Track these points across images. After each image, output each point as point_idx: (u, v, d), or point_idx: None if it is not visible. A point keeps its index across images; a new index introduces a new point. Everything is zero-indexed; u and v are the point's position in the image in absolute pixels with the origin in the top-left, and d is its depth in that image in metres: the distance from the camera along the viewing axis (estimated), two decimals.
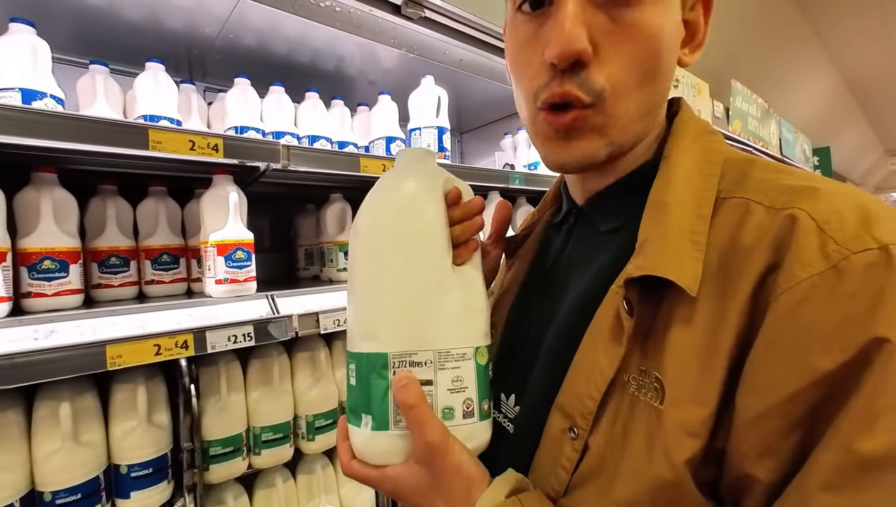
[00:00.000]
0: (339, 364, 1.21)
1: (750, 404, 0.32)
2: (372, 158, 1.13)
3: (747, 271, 0.34)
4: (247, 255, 1.03)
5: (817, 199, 0.33)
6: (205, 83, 1.57)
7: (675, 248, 0.37)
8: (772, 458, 0.31)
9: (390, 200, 0.44)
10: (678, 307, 0.36)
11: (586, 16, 0.37)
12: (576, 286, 0.46)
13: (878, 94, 7.49)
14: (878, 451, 0.27)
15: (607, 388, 0.38)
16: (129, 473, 0.87)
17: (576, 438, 0.39)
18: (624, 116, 0.40)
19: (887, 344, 0.28)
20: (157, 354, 0.79)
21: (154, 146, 0.81)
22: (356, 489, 1.21)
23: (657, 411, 0.35)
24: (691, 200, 0.39)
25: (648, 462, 0.34)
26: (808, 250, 0.31)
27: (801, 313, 0.31)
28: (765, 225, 0.34)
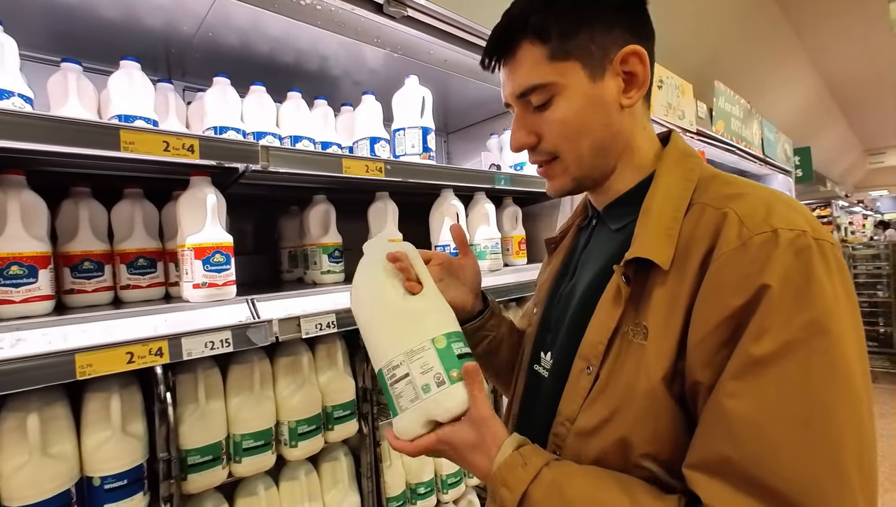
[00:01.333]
0: (323, 369, 1.19)
1: (694, 334, 0.48)
2: (354, 158, 1.12)
3: (697, 251, 0.51)
4: (226, 258, 1.00)
5: (742, 201, 0.51)
6: (184, 82, 1.53)
7: (655, 239, 0.54)
8: (709, 368, 0.47)
9: (357, 278, 0.70)
10: (658, 279, 0.53)
11: (526, 122, 0.63)
12: (591, 271, 0.65)
13: (857, 95, 7.66)
14: (764, 352, 0.44)
15: (611, 336, 0.55)
16: (102, 485, 0.84)
17: (590, 373, 0.56)
18: (576, 160, 0.62)
19: (770, 288, 0.44)
20: (129, 362, 0.76)
21: (126, 147, 0.79)
22: (341, 494, 1.19)
23: (643, 347, 0.52)
24: (671, 207, 0.56)
25: (636, 379, 0.52)
26: (730, 235, 0.48)
27: (722, 273, 0.48)
28: (710, 220, 0.52)
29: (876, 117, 9.08)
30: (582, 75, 0.58)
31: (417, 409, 0.58)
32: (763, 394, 0.43)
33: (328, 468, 1.19)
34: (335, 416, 1.17)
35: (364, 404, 1.23)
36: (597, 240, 0.69)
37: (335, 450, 1.22)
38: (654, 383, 0.50)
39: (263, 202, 1.66)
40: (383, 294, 0.64)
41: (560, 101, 0.59)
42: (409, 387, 0.58)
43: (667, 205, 0.56)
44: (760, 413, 0.43)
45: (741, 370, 0.44)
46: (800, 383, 0.42)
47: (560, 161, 0.62)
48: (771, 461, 0.42)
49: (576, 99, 0.59)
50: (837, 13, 4.76)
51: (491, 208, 1.62)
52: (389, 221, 1.40)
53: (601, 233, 0.68)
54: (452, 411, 0.57)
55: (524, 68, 0.60)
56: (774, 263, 0.45)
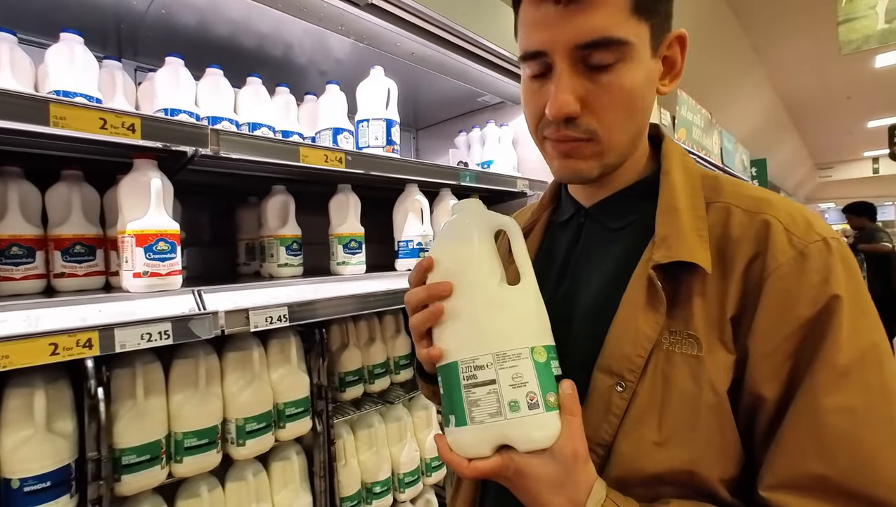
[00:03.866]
0: (275, 365, 1.15)
1: (760, 346, 0.46)
2: (313, 147, 1.08)
3: (739, 256, 0.48)
4: (170, 246, 0.95)
5: (775, 207, 0.50)
6: (136, 62, 1.45)
7: (690, 241, 0.50)
8: (775, 381, 0.45)
9: (452, 240, 0.55)
10: (696, 283, 0.49)
11: (574, 83, 0.49)
12: (596, 272, 0.58)
13: (808, 112, 8.11)
14: (847, 362, 0.43)
15: (652, 347, 0.49)
16: (21, 488, 0.77)
17: (623, 390, 0.49)
18: (615, 144, 0.53)
19: (839, 298, 0.44)
20: (53, 354, 0.70)
21: (56, 122, 0.73)
22: (292, 494, 1.15)
23: (698, 359, 0.47)
24: (692, 206, 0.52)
25: (698, 394, 0.47)
26: (781, 243, 0.47)
27: (786, 283, 0.46)
28: (745, 223, 0.49)
29: (826, 133, 9.65)
30: (648, 45, 0.50)
31: (494, 427, 0.47)
32: (852, 404, 0.42)
33: (279, 467, 1.15)
34: (287, 414, 1.13)
35: (318, 402, 1.19)
36: (592, 240, 0.61)
37: (286, 449, 1.18)
38: (721, 396, 0.46)
39: (220, 192, 1.59)
40: (480, 274, 0.52)
41: (625, 68, 0.49)
42: (492, 397, 0.47)
43: (688, 202, 0.52)
44: (852, 424, 0.42)
45: (830, 383, 0.43)
46: (880, 385, 0.43)
47: (596, 143, 0.52)
48: (868, 470, 0.41)
49: (640, 70, 0.50)
50: (793, 34, 5.03)
51: None
52: (351, 213, 1.37)
53: (596, 232, 0.61)
54: (538, 443, 0.46)
55: (603, 12, 0.47)
56: (836, 272, 0.45)
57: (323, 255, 1.51)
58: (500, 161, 1.84)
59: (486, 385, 0.48)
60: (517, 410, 0.46)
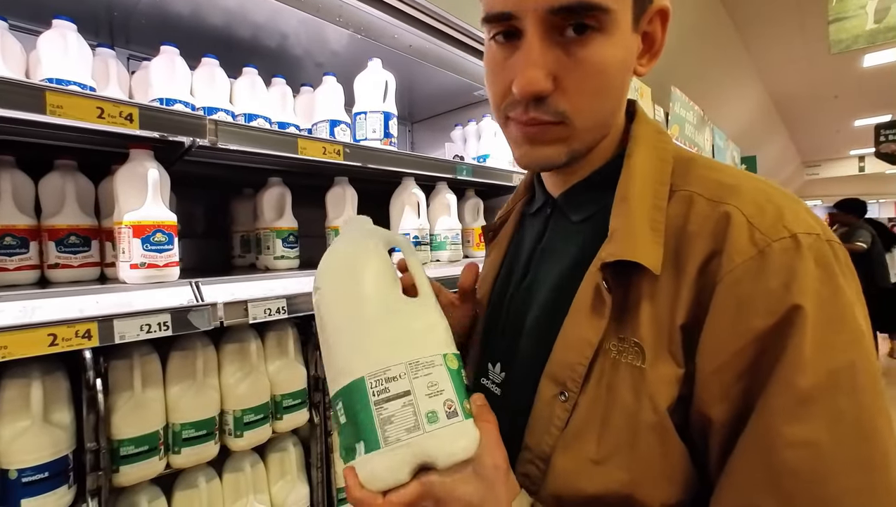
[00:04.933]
0: (272, 357, 1.15)
1: (707, 362, 0.40)
2: (311, 139, 1.08)
3: (693, 254, 0.42)
4: (168, 238, 0.95)
5: (742, 196, 0.42)
6: (129, 51, 1.43)
7: (640, 236, 0.44)
8: (724, 402, 0.39)
9: (333, 261, 0.54)
10: (645, 285, 0.44)
11: (546, 57, 0.43)
12: (554, 270, 0.53)
13: (797, 110, 8.22)
14: (809, 385, 0.36)
15: (593, 354, 0.45)
16: (19, 478, 0.77)
17: (566, 400, 0.46)
18: (585, 129, 0.47)
19: (802, 310, 0.37)
20: (52, 344, 0.70)
21: (53, 111, 0.72)
22: (288, 486, 1.15)
23: (640, 370, 0.42)
24: (650, 194, 0.46)
25: (638, 409, 0.42)
26: (741, 240, 0.40)
27: (740, 289, 0.39)
28: (705, 215, 0.43)
29: (813, 131, 9.78)
30: (629, 15, 0.44)
31: (413, 444, 0.41)
32: (815, 438, 0.35)
33: (276, 458, 1.16)
34: (284, 405, 1.13)
35: (315, 393, 1.20)
36: (555, 233, 0.57)
37: (284, 440, 1.19)
38: (661, 415, 0.41)
39: (215, 183, 1.58)
40: (379, 286, 0.49)
41: (604, 40, 0.42)
42: (408, 410, 0.42)
43: (646, 191, 0.46)
44: (814, 462, 0.35)
45: (788, 410, 0.36)
46: (854, 417, 0.35)
47: (564, 126, 0.46)
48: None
49: (620, 44, 0.44)
50: (783, 32, 5.08)
51: (452, 199, 1.61)
52: (348, 206, 1.37)
53: (560, 224, 0.56)
54: (461, 453, 0.42)
55: None
56: (802, 277, 0.37)
57: (318, 248, 1.51)
58: (496, 155, 1.84)
59: (401, 398, 0.42)
60: (436, 421, 0.42)
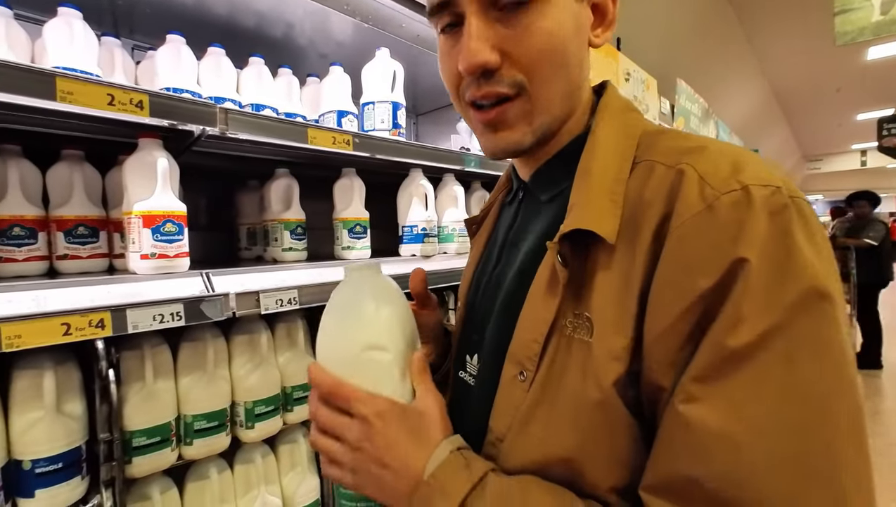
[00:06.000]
0: (282, 348, 1.14)
1: (652, 327, 0.38)
2: (321, 129, 1.06)
3: (648, 220, 0.40)
4: (178, 228, 0.94)
5: (702, 156, 0.40)
6: (133, 41, 1.41)
7: (597, 206, 0.43)
8: (672, 369, 0.37)
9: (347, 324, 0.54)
10: (601, 256, 0.42)
11: (488, 32, 0.43)
12: (521, 252, 0.53)
13: (799, 104, 8.19)
14: (741, 345, 0.33)
15: (548, 331, 0.44)
16: (33, 469, 0.77)
17: (524, 380, 0.45)
18: (545, 100, 0.46)
19: (746, 263, 0.34)
20: (65, 334, 0.69)
21: (63, 98, 0.71)
22: (299, 477, 1.15)
23: (588, 345, 0.41)
24: (613, 168, 0.45)
25: (583, 388, 0.40)
26: (691, 196, 0.38)
27: (685, 246, 0.37)
28: (661, 179, 0.41)
29: (815, 125, 9.76)
30: None
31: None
32: (740, 397, 0.33)
33: (286, 450, 1.15)
34: (295, 397, 1.13)
35: None
36: (525, 215, 0.56)
37: (294, 432, 1.18)
38: (606, 391, 0.39)
39: (220, 175, 1.57)
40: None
41: (543, 7, 0.43)
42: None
43: (608, 164, 0.45)
44: (737, 423, 0.33)
45: (710, 369, 0.34)
46: (785, 379, 0.33)
47: (524, 99, 0.45)
48: (750, 482, 0.32)
49: (564, 11, 0.44)
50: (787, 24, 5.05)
51: (460, 191, 1.60)
52: (356, 198, 1.36)
53: (529, 207, 0.56)
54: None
55: None
56: (750, 229, 0.35)
57: (324, 241, 1.50)
58: None
59: None
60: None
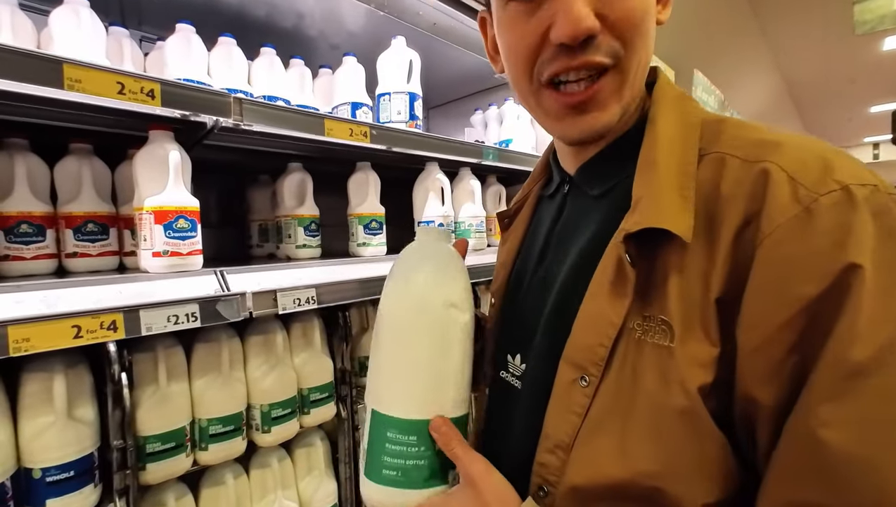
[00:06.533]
0: (298, 349, 1.10)
1: (750, 337, 0.36)
2: (338, 120, 1.02)
3: (728, 219, 0.38)
4: (191, 224, 0.90)
5: (784, 152, 0.38)
6: (141, 32, 1.37)
7: (668, 202, 0.40)
8: (773, 383, 0.35)
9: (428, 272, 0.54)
10: (673, 256, 0.40)
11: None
12: (572, 250, 0.50)
13: (812, 95, 8.05)
14: (866, 358, 0.31)
15: (616, 335, 0.42)
16: (43, 477, 0.73)
17: (587, 385, 0.43)
18: (634, 73, 0.44)
19: (860, 269, 0.32)
20: (76, 337, 0.65)
21: (71, 86, 0.67)
22: (316, 482, 1.11)
23: (668, 350, 0.39)
24: (677, 160, 0.43)
25: (665, 394, 0.38)
26: (782, 198, 0.36)
27: (784, 252, 0.35)
28: (740, 177, 0.39)
29: (827, 117, 9.60)
30: None
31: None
32: (866, 415, 0.31)
33: (303, 454, 1.12)
34: (311, 399, 1.09)
35: (342, 387, 1.15)
36: (573, 211, 0.54)
37: (311, 435, 1.15)
38: (692, 398, 0.37)
39: (230, 170, 1.53)
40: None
41: None
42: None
43: (673, 156, 0.43)
44: (868, 447, 0.31)
45: (835, 387, 0.32)
46: None
47: (618, 71, 0.44)
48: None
49: None
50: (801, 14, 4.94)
51: (476, 185, 1.55)
52: (371, 192, 1.31)
53: (577, 202, 0.53)
54: None
55: None
56: (858, 232, 0.33)
57: (337, 237, 1.46)
58: (519, 140, 1.78)
59: None
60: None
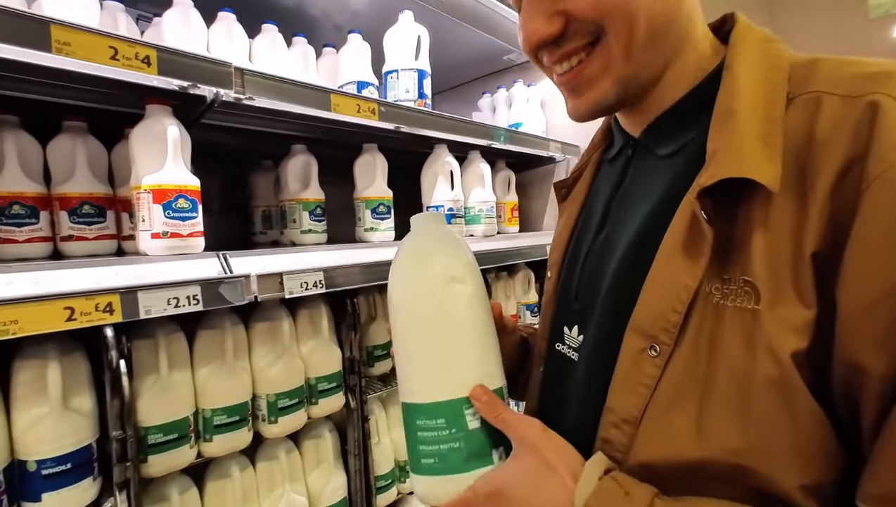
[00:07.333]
0: (305, 337, 1.06)
1: (857, 295, 0.32)
2: (344, 95, 0.97)
3: (824, 166, 0.34)
4: (191, 204, 0.85)
5: (893, 81, 0.33)
6: (137, 11, 1.32)
7: (750, 150, 0.36)
8: (884, 349, 0.30)
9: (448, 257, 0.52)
10: (757, 210, 0.36)
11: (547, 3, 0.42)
12: (637, 213, 0.46)
13: None
14: None
15: (691, 299, 0.38)
16: (38, 470, 0.69)
17: (657, 355, 0.39)
18: (625, 45, 0.41)
19: None
20: (69, 319, 0.61)
21: (59, 49, 0.62)
22: (326, 474, 1.07)
23: (753, 313, 0.35)
24: (761, 105, 0.38)
25: (751, 362, 0.35)
26: (892, 134, 0.31)
27: (893, 197, 0.30)
28: (840, 115, 0.34)
29: None
30: None
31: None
32: None
33: (311, 445, 1.08)
34: (319, 389, 1.05)
35: (351, 376, 1.11)
36: (638, 175, 0.50)
37: (319, 426, 1.10)
38: (784, 366, 0.33)
39: (232, 154, 1.48)
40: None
41: None
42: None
43: (755, 101, 0.38)
44: None
45: None
46: None
47: (602, 51, 0.42)
48: None
49: None
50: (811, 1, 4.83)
51: (487, 169, 1.50)
52: (379, 175, 1.26)
53: (643, 164, 0.50)
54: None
55: None
56: None
57: (342, 225, 1.41)
58: (529, 123, 1.72)
59: None
60: None
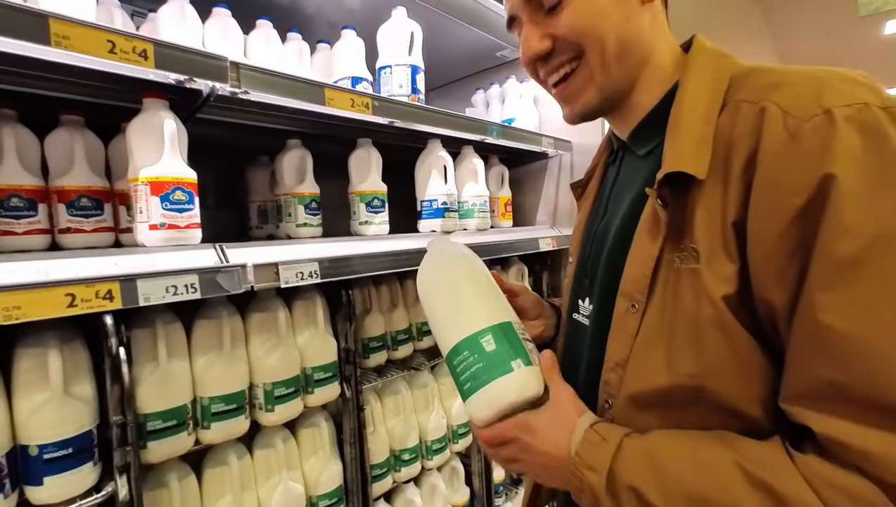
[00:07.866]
0: (301, 327, 1.08)
1: (756, 249, 0.43)
2: (338, 89, 0.99)
3: (737, 156, 0.45)
4: (188, 197, 0.86)
5: (783, 89, 0.44)
6: (133, 7, 1.33)
7: (688, 149, 0.47)
8: (781, 285, 0.41)
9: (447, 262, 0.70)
10: (697, 195, 0.47)
11: (537, 28, 0.55)
12: (624, 203, 0.58)
13: None
14: (850, 251, 0.38)
15: (655, 265, 0.50)
16: (40, 455, 0.71)
17: (636, 311, 0.51)
18: (602, 62, 0.53)
19: (833, 177, 0.38)
20: (70, 305, 0.63)
21: (58, 42, 0.63)
22: (322, 462, 1.09)
23: (696, 271, 0.46)
24: (703, 110, 0.49)
25: (697, 308, 0.46)
26: (774, 129, 0.42)
27: (775, 174, 0.42)
28: (746, 118, 0.45)
29: None
30: None
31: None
32: (863, 300, 0.37)
33: (307, 434, 1.10)
34: (315, 378, 1.07)
35: (346, 366, 1.13)
36: (626, 172, 0.63)
37: (315, 415, 1.12)
38: (719, 306, 0.44)
39: (227, 150, 1.49)
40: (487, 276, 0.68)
41: (578, 1, 0.52)
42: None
43: (696, 110, 0.49)
44: (865, 325, 0.37)
45: (828, 278, 0.38)
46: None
47: (584, 66, 0.54)
48: (887, 375, 0.36)
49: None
50: None
51: (480, 164, 1.52)
52: (373, 170, 1.28)
53: (629, 163, 0.62)
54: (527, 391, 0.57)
55: None
56: (834, 147, 0.38)
57: (337, 220, 1.43)
58: (522, 119, 1.74)
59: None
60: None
